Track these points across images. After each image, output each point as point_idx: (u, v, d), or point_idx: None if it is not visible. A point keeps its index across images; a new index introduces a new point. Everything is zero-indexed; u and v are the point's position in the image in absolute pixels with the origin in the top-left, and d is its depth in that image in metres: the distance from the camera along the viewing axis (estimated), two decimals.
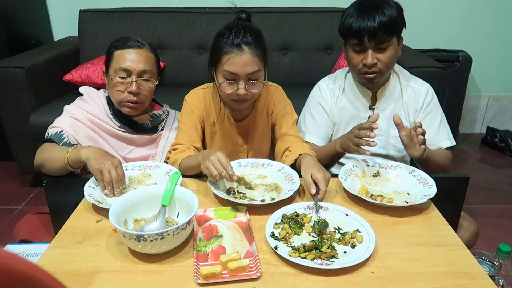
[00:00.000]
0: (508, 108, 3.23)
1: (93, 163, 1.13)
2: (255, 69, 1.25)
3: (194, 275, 0.85)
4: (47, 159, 1.25)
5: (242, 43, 1.23)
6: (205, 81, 1.51)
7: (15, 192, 2.42)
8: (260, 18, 2.69)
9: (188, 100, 1.44)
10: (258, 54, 1.25)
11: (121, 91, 1.33)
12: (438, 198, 1.12)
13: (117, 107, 1.39)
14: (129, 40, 1.36)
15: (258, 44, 1.26)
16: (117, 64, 1.32)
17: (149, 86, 1.36)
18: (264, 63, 1.29)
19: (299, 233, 0.99)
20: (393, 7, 1.30)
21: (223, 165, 1.08)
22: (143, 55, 1.34)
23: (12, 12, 2.57)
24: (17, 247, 1.23)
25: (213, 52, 1.32)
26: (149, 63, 1.36)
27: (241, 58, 1.23)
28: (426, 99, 1.44)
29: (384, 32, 1.27)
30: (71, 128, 1.34)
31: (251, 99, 1.33)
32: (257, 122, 1.46)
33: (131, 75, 1.32)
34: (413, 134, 1.22)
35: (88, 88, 1.45)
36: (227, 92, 1.28)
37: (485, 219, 2.13)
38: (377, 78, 1.36)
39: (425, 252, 0.94)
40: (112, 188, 1.12)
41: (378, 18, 1.27)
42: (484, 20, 2.96)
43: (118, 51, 1.34)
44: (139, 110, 1.39)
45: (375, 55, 1.32)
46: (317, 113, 1.50)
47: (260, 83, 1.29)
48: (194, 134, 1.38)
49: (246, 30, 1.26)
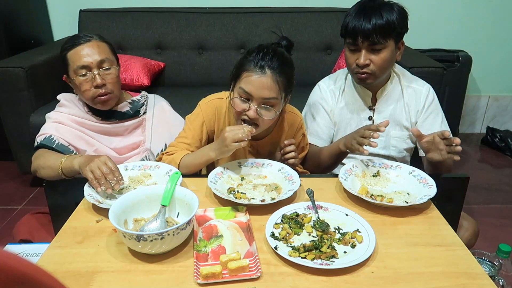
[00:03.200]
0: (508, 108, 3.23)
1: (83, 168, 1.13)
2: (272, 95, 1.19)
3: (194, 275, 0.85)
4: (43, 166, 1.27)
5: (266, 66, 1.18)
6: (204, 81, 1.51)
7: (15, 192, 2.42)
8: (260, 18, 2.69)
9: (202, 107, 1.39)
10: (280, 82, 1.19)
11: (88, 89, 1.34)
12: (438, 198, 1.12)
13: (91, 105, 1.41)
14: (76, 38, 1.37)
15: (283, 72, 1.20)
16: (73, 64, 1.34)
17: (112, 74, 1.37)
18: (284, 94, 1.24)
19: (299, 233, 0.99)
20: (394, 10, 1.29)
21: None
22: (95, 47, 1.35)
23: (12, 12, 2.57)
24: (17, 247, 1.23)
25: (236, 67, 1.26)
26: (104, 52, 1.36)
27: (260, 79, 1.18)
28: (427, 100, 1.44)
29: (378, 33, 1.27)
30: (57, 132, 1.37)
31: (261, 127, 1.26)
32: (271, 146, 1.43)
33: (91, 69, 1.33)
34: (437, 141, 1.20)
35: (65, 94, 1.49)
36: (237, 109, 1.24)
37: (485, 219, 2.13)
38: (370, 79, 1.36)
39: (425, 252, 0.94)
40: (106, 182, 1.11)
41: (374, 20, 1.26)
42: (484, 20, 2.96)
43: (70, 52, 1.35)
44: (112, 101, 1.40)
45: (368, 56, 1.31)
46: (318, 114, 1.50)
47: (274, 111, 1.22)
48: (196, 144, 1.37)
49: (275, 55, 1.20)
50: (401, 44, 1.36)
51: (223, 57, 2.69)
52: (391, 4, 1.31)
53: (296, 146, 1.35)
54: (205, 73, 2.73)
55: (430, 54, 2.68)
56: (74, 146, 1.38)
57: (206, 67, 2.73)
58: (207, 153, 1.25)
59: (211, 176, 1.21)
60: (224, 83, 1.37)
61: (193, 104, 1.47)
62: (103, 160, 1.13)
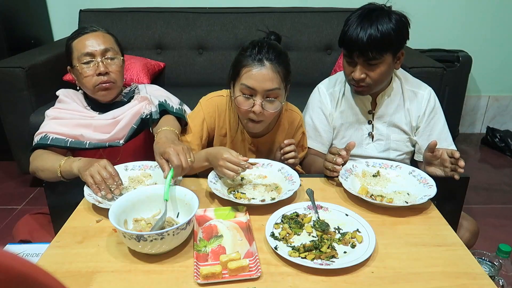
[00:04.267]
0: (508, 108, 3.23)
1: (83, 173, 1.13)
2: (275, 86, 1.21)
3: (194, 275, 0.85)
4: (41, 169, 1.26)
5: (264, 58, 1.20)
6: (204, 81, 1.51)
7: (15, 192, 2.41)
8: (260, 18, 2.69)
9: (203, 105, 1.39)
10: (280, 72, 1.21)
11: (90, 76, 1.33)
12: (438, 198, 1.12)
13: (92, 96, 1.39)
14: (82, 28, 1.37)
15: (281, 62, 1.22)
16: (78, 52, 1.33)
17: (116, 64, 1.37)
18: (285, 84, 1.25)
19: (299, 233, 0.99)
20: (392, 22, 1.23)
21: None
22: (100, 36, 1.35)
23: (12, 12, 2.57)
24: (17, 247, 1.23)
25: (233, 65, 1.27)
26: (109, 42, 1.37)
27: (260, 72, 1.19)
28: (429, 104, 1.43)
29: (373, 49, 1.23)
30: (53, 128, 1.35)
31: (266, 121, 1.28)
32: (271, 144, 1.43)
33: (95, 57, 1.33)
34: (445, 157, 1.19)
35: (64, 90, 1.48)
36: (243, 108, 1.24)
37: (485, 219, 2.13)
38: (366, 92, 1.36)
39: (425, 252, 0.94)
40: (106, 187, 1.10)
41: (371, 35, 1.22)
42: (484, 20, 2.96)
43: (75, 41, 1.35)
44: (113, 91, 1.39)
45: (364, 70, 1.29)
46: (317, 118, 1.49)
47: (278, 102, 1.24)
48: (196, 142, 1.36)
49: (270, 47, 1.22)
50: (400, 54, 1.32)
51: (223, 57, 2.69)
52: (390, 15, 1.25)
53: (296, 144, 1.35)
54: (205, 73, 2.73)
55: (430, 54, 2.68)
56: (72, 136, 1.35)
57: (206, 67, 2.73)
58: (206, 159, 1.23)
59: (211, 176, 1.21)
60: (224, 83, 1.37)
61: (193, 104, 1.47)
62: (102, 164, 1.12)
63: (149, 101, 1.41)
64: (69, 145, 1.34)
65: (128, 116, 1.38)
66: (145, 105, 1.40)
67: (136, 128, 1.38)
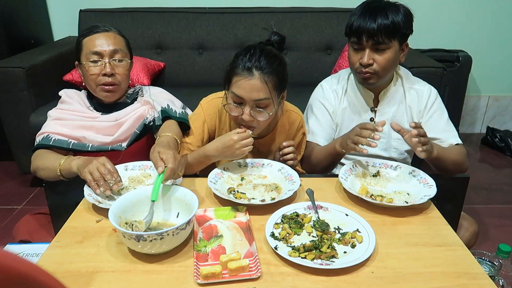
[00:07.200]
0: (508, 108, 3.23)
1: (82, 170, 1.13)
2: (262, 96, 1.19)
3: (194, 275, 0.85)
4: (42, 168, 1.26)
5: (253, 67, 1.18)
6: (204, 81, 1.51)
7: (15, 192, 2.41)
8: (260, 18, 2.69)
9: (204, 107, 1.39)
10: (269, 81, 1.19)
11: (95, 75, 1.33)
12: (438, 198, 1.12)
13: (95, 94, 1.39)
14: (95, 26, 1.37)
15: (272, 70, 1.19)
16: (87, 49, 1.33)
17: (123, 66, 1.37)
18: (276, 92, 1.23)
19: (299, 233, 0.99)
20: (400, 11, 1.29)
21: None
22: (111, 37, 1.35)
23: (12, 12, 2.57)
24: (17, 247, 1.23)
25: (227, 72, 1.26)
26: (119, 43, 1.37)
27: (248, 82, 1.18)
28: (429, 99, 1.43)
29: (383, 33, 1.27)
30: (55, 129, 1.35)
31: (259, 128, 1.28)
32: (272, 145, 1.43)
33: (103, 57, 1.33)
34: (410, 136, 1.18)
35: (67, 90, 1.47)
36: (233, 114, 1.26)
37: (485, 219, 2.13)
38: (372, 79, 1.35)
39: (425, 252, 0.94)
40: (105, 183, 1.10)
41: (380, 20, 1.26)
42: (484, 20, 2.96)
43: (86, 38, 1.34)
44: (117, 93, 1.39)
45: (372, 56, 1.31)
46: (320, 113, 1.49)
47: (266, 113, 1.22)
48: (197, 143, 1.37)
49: (262, 54, 1.20)
50: (405, 45, 1.36)
51: (223, 57, 2.69)
52: (397, 5, 1.31)
53: (296, 145, 1.35)
54: (205, 73, 2.73)
55: (430, 54, 2.68)
56: (74, 137, 1.35)
57: (206, 67, 2.73)
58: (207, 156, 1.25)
59: (211, 176, 1.21)
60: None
61: (193, 104, 1.47)
62: (101, 161, 1.12)
63: (152, 105, 1.42)
64: (71, 146, 1.34)
65: (131, 120, 1.38)
66: (147, 110, 1.41)
67: (138, 134, 1.39)
